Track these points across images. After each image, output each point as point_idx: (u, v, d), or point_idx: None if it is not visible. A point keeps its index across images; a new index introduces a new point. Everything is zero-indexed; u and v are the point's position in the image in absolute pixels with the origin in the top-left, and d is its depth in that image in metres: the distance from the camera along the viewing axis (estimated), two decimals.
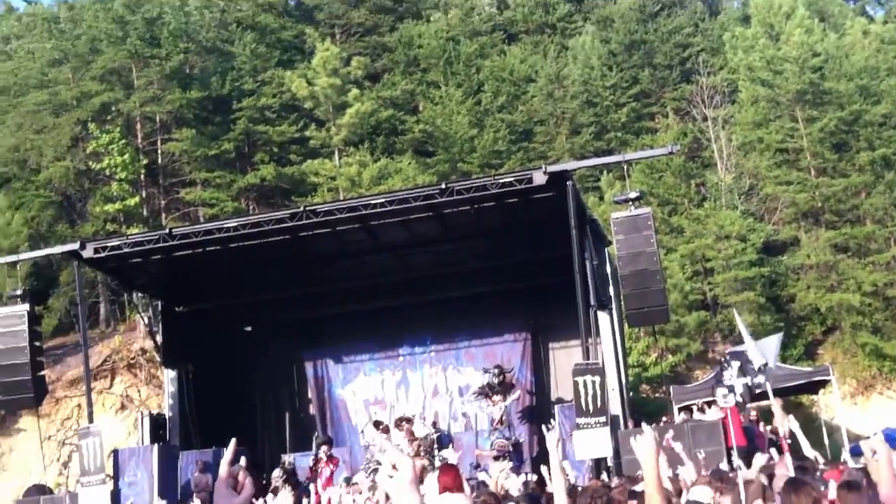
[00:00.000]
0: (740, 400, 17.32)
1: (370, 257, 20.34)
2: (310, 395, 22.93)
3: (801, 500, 5.01)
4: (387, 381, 22.30)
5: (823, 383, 20.47)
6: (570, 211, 16.05)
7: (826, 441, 17.69)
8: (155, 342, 21.22)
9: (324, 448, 17.84)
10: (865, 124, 36.93)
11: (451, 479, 7.55)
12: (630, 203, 17.66)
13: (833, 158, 36.84)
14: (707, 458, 12.80)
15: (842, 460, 13.49)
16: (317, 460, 17.71)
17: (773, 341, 18.00)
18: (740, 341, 20.89)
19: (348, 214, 17.77)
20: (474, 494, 7.55)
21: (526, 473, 15.24)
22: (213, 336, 21.23)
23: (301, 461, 18.64)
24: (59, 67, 39.00)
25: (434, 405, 21.69)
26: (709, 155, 41.05)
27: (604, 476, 13.73)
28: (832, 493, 5.93)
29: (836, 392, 20.69)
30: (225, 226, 18.25)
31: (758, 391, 16.10)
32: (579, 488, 10.13)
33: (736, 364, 14.57)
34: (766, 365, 14.63)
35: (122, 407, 29.24)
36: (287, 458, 18.11)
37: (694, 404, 17.92)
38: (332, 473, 17.54)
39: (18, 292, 18.62)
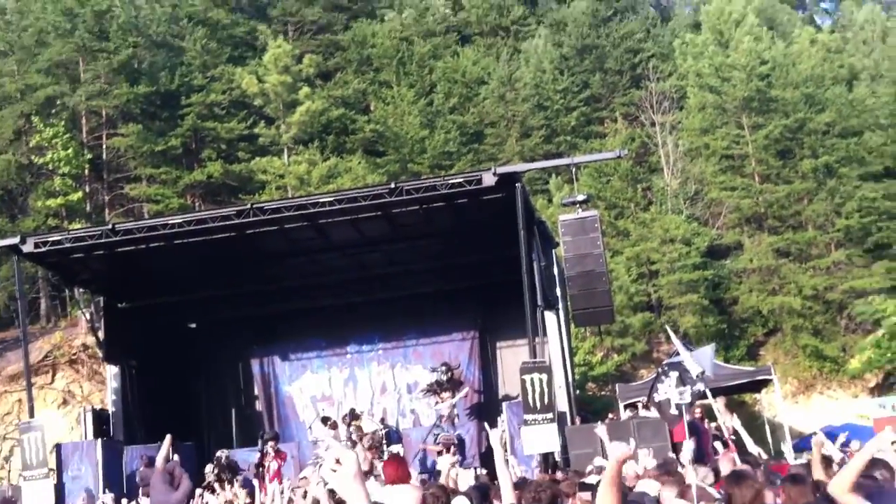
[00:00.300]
0: (675, 413, 17.64)
1: (319, 256, 20.17)
2: (256, 391, 22.74)
3: (742, 491, 5.12)
4: (334, 379, 22.22)
5: (766, 382, 20.84)
6: (519, 212, 16.08)
7: (769, 438, 18.01)
8: (97, 338, 20.89)
9: (270, 443, 17.72)
10: (809, 132, 37.78)
11: (396, 469, 7.53)
12: (578, 206, 17.93)
13: (777, 165, 37.62)
14: (653, 453, 12.97)
15: (784, 457, 13.77)
16: (263, 455, 17.58)
17: (708, 351, 18.38)
18: (683, 344, 21.33)
19: (296, 213, 17.60)
20: (424, 487, 7.52)
21: (475, 468, 15.27)
22: (157, 332, 20.90)
23: (249, 456, 18.54)
24: (3, 59, 38.20)
25: (382, 402, 21.68)
26: (656, 160, 41.68)
27: (554, 472, 13.79)
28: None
29: (777, 391, 21.07)
30: (170, 222, 17.96)
31: (696, 396, 16.42)
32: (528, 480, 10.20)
33: (674, 374, 14.76)
34: (703, 373, 14.98)
35: (64, 402, 28.69)
36: (223, 454, 17.94)
37: (639, 401, 18.10)
38: (279, 467, 17.44)
39: None
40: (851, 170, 37.01)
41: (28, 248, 17.79)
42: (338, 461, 2.64)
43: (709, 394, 14.58)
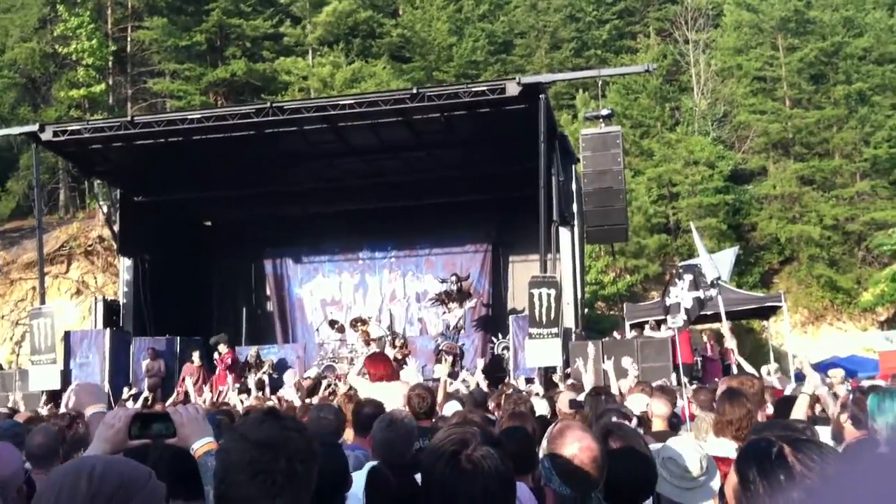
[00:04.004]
0: (685, 318, 17.62)
1: (338, 160, 20.11)
2: (268, 292, 23.04)
3: (734, 409, 5.22)
4: (345, 284, 22.43)
5: (775, 309, 20.80)
6: (541, 124, 15.89)
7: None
8: (112, 230, 21.07)
9: (220, 346, 18.03)
10: (845, 57, 36.85)
11: (380, 367, 7.55)
12: (601, 120, 17.70)
13: (809, 90, 36.84)
14: (655, 373, 13.13)
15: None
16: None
17: (728, 255, 18.16)
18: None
19: (316, 114, 17.49)
20: (410, 388, 7.63)
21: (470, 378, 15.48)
22: (172, 228, 21.10)
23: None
24: None
25: (391, 309, 21.90)
26: (686, 79, 40.88)
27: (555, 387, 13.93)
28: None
29: (786, 319, 21.02)
30: (188, 117, 17.96)
31: (709, 305, 16.33)
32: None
33: (688, 277, 14.64)
34: (718, 278, 14.85)
35: (78, 292, 29.10)
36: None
37: (646, 322, 18.19)
38: (224, 368, 17.72)
39: None
40: (885, 98, 36.20)
41: (47, 136, 17.88)
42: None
43: (722, 310, 14.51)
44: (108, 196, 21.25)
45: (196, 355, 18.03)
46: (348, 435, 5.83)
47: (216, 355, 18.09)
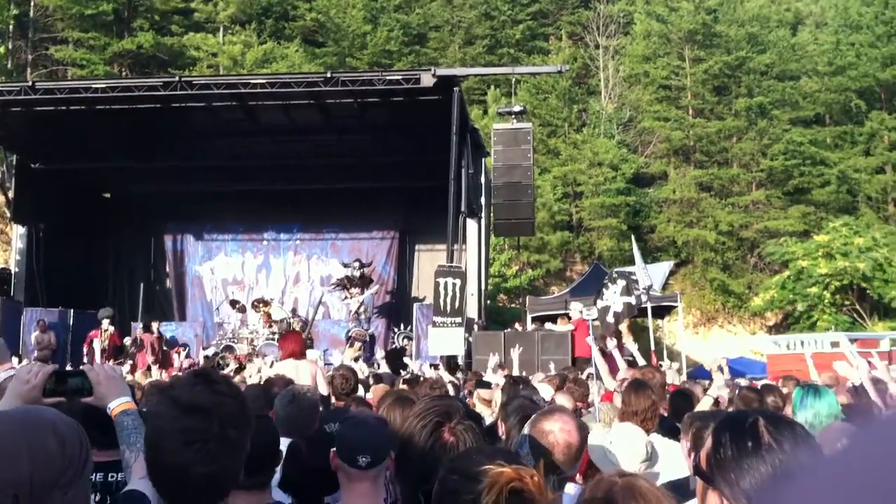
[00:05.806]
0: (612, 321, 18.10)
1: (246, 139, 19.87)
2: (167, 268, 22.57)
3: (640, 400, 5.34)
4: (248, 264, 22.16)
5: (670, 309, 21.45)
6: (454, 117, 16.06)
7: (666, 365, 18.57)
8: (6, 197, 20.31)
9: (107, 321, 17.63)
10: (748, 71, 38.16)
11: (297, 344, 7.60)
12: (513, 116, 18.00)
13: (712, 100, 38.03)
14: (555, 366, 13.42)
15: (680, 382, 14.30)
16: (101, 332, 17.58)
17: (663, 267, 18.83)
18: (594, 266, 21.74)
19: (226, 91, 17.29)
20: (332, 370, 7.66)
21: (377, 364, 15.53)
22: (70, 198, 20.46)
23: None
24: None
25: (294, 292, 21.75)
26: (595, 83, 41.71)
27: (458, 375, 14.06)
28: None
29: (680, 319, 21.70)
30: (93, 86, 17.57)
31: (638, 310, 16.91)
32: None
33: (622, 283, 15.19)
34: (650, 287, 15.40)
35: None
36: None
37: (548, 315, 18.51)
38: (111, 346, 17.36)
39: None
40: (783, 113, 37.61)
41: None
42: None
43: (649, 308, 15.07)
44: (3, 162, 20.44)
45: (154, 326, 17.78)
46: None
47: (105, 332, 17.63)
